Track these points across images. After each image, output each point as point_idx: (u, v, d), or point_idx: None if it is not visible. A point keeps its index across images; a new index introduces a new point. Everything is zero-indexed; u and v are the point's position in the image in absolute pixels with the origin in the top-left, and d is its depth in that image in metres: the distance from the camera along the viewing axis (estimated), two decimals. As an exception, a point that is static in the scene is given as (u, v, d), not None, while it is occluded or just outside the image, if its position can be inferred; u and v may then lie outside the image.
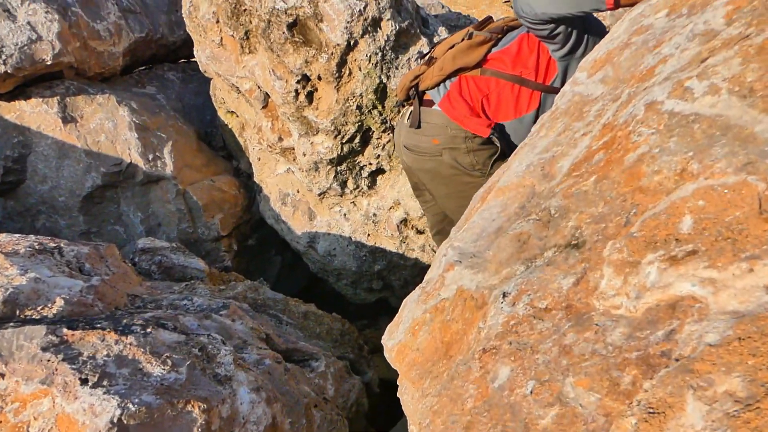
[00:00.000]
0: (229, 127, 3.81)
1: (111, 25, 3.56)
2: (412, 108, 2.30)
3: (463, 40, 2.12)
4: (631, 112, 1.08)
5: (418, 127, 2.21)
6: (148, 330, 1.74)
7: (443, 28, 3.07)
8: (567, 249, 0.94)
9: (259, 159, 3.52)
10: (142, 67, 4.22)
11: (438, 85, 2.19)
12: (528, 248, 1.04)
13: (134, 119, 3.39)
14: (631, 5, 1.71)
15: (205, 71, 3.48)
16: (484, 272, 1.08)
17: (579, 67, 1.61)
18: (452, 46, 2.14)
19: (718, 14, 1.11)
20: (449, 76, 2.16)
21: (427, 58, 2.25)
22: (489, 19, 2.28)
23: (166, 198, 3.42)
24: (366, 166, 3.09)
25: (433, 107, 2.20)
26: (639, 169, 0.93)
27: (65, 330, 1.64)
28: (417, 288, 1.30)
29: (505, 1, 3.91)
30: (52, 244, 2.21)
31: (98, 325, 1.73)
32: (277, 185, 3.48)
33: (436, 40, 3.01)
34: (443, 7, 4.84)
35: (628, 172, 0.95)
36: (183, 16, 3.31)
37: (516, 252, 1.05)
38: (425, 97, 2.25)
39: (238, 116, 3.65)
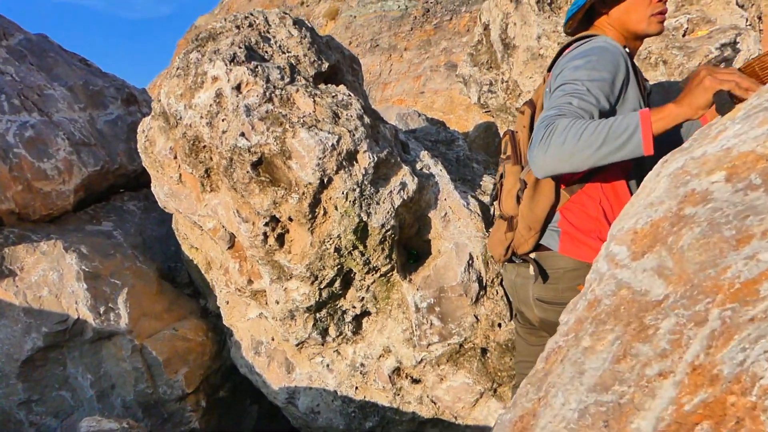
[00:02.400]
0: (195, 263, 3.42)
1: (60, 162, 3.23)
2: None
3: (522, 189, 1.76)
4: (741, 362, 0.73)
5: (545, 280, 1.79)
6: None
7: (425, 152, 2.79)
8: None
9: (228, 302, 3.11)
10: (100, 200, 3.87)
11: (539, 241, 1.80)
12: None
13: (83, 267, 2.99)
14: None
15: (164, 207, 3.13)
16: None
17: (612, 236, 1.28)
18: (518, 197, 1.78)
19: (841, 211, 0.79)
20: (544, 226, 1.77)
21: (507, 222, 1.85)
22: (508, 133, 1.96)
23: (121, 356, 2.96)
24: (349, 310, 2.70)
25: (556, 252, 1.77)
26: None
27: None
28: None
29: (486, 111, 3.70)
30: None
31: None
32: (249, 331, 3.06)
33: (418, 166, 2.72)
34: (420, 115, 4.65)
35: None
36: (138, 150, 3.00)
37: None
38: None
39: (203, 252, 3.27)
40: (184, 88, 2.58)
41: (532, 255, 1.81)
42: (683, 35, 2.95)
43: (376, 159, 2.45)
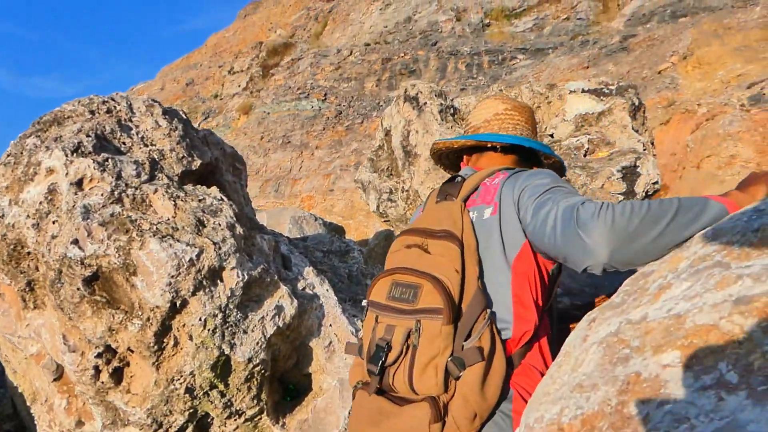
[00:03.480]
0: (20, 390, 2.73)
1: None
2: None
3: (470, 362, 1.18)
4: None
5: None
6: None
7: (310, 268, 2.40)
8: None
9: (51, 448, 2.44)
10: None
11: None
12: None
13: None
14: None
15: (-19, 322, 2.49)
16: None
17: (528, 428, 0.93)
18: (447, 372, 1.18)
19: None
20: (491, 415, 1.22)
21: (430, 406, 1.17)
22: (423, 278, 1.26)
23: None
24: (204, 464, 2.15)
25: None
26: None
27: None
28: None
29: (385, 220, 3.41)
30: None
31: None
32: (75, 487, 2.39)
33: (300, 285, 2.32)
34: (316, 219, 4.31)
35: None
36: (-48, 251, 2.40)
37: None
38: None
39: (28, 379, 2.61)
40: (11, 180, 2.08)
41: None
42: (584, 155, 2.86)
43: (246, 277, 2.02)
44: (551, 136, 2.97)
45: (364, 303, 1.37)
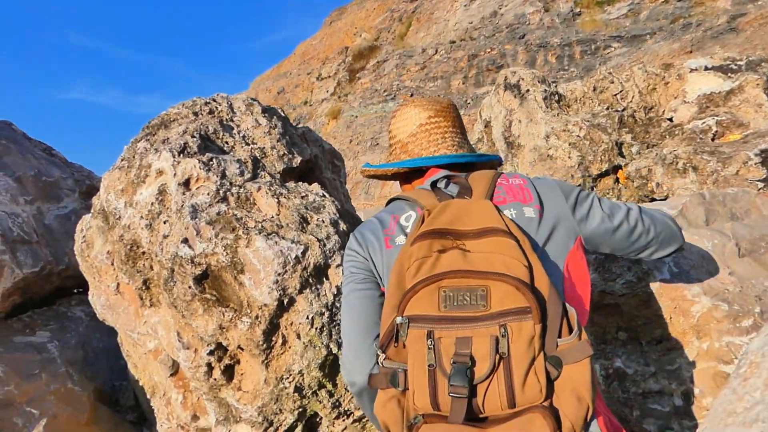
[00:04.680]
0: (141, 384, 2.86)
1: (-12, 263, 2.76)
2: None
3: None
4: None
5: None
6: None
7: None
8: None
9: (168, 442, 2.52)
10: (42, 305, 3.37)
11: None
12: None
13: (-8, 393, 2.43)
14: None
15: (103, 320, 2.62)
16: None
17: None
18: (547, 372, 1.07)
19: None
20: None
21: (543, 418, 1.06)
22: (499, 280, 1.09)
23: None
24: (313, 463, 2.12)
25: None
26: None
27: None
28: None
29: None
30: None
31: None
32: (191, 481, 2.45)
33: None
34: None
35: None
36: (75, 253, 2.54)
37: None
38: None
39: (147, 374, 2.72)
40: (125, 183, 2.16)
41: None
42: (712, 139, 2.59)
43: (351, 274, 1.97)
44: (670, 119, 2.71)
45: (399, 320, 1.13)
